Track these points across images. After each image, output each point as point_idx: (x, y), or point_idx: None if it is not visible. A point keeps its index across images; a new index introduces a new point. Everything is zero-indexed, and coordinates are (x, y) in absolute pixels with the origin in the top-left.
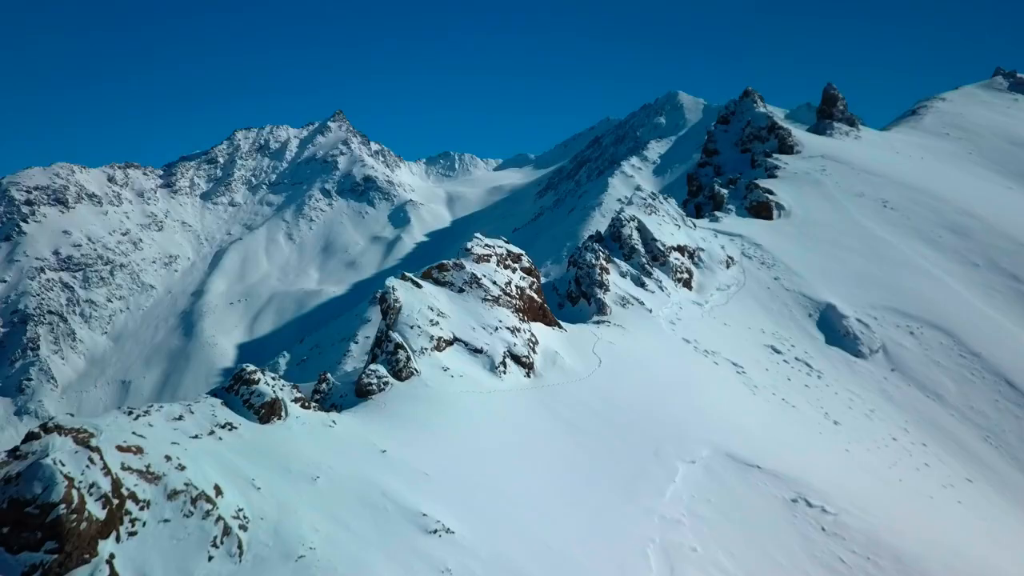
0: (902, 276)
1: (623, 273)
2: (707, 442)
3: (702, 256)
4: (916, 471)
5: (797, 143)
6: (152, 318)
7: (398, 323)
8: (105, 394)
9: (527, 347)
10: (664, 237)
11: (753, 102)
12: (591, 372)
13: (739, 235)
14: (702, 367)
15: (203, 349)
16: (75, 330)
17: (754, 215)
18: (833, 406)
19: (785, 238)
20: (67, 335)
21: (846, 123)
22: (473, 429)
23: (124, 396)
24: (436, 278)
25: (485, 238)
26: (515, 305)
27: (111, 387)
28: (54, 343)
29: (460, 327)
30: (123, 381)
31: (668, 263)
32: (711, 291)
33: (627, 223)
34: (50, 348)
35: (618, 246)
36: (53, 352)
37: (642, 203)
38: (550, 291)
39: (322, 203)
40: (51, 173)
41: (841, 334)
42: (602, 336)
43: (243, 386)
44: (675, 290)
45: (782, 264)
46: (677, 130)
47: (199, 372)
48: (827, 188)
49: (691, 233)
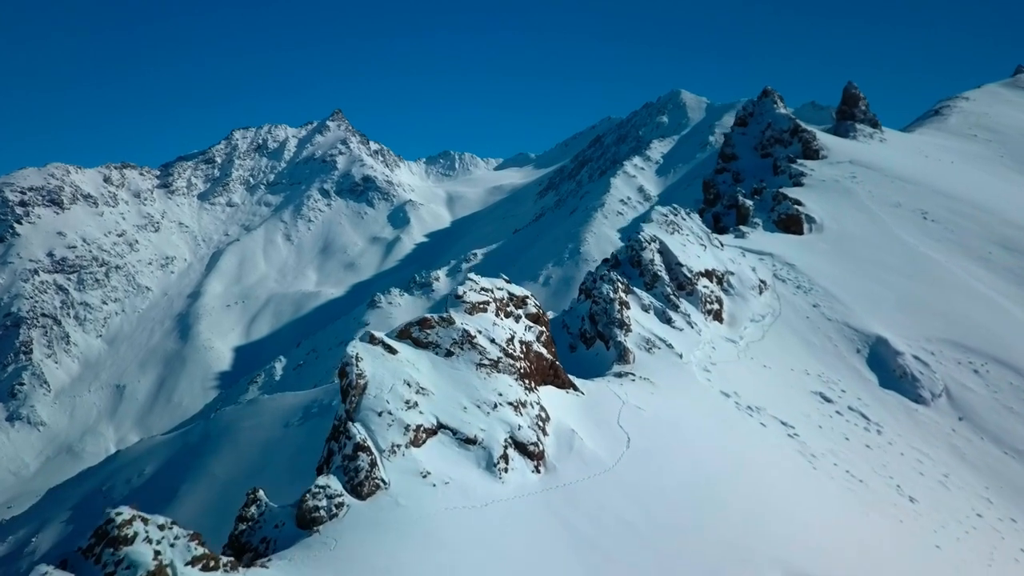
0: (955, 301)
1: (645, 307)
2: (776, 561)
3: (732, 281)
4: (1016, 563)
5: (823, 147)
6: (148, 321)
7: (362, 409)
8: (99, 399)
9: (535, 428)
10: (690, 261)
11: (773, 103)
12: (618, 457)
13: (769, 254)
14: (750, 434)
15: (199, 352)
16: (69, 333)
17: (783, 229)
18: (903, 474)
19: (820, 256)
20: (61, 338)
21: (869, 124)
22: (462, 569)
23: (118, 400)
24: (417, 338)
25: (480, 279)
26: (519, 368)
27: (105, 391)
28: (47, 347)
29: (447, 408)
30: (117, 385)
31: (696, 292)
32: (744, 323)
33: (647, 245)
34: (43, 352)
35: (638, 272)
36: (46, 356)
37: (663, 220)
38: (559, 329)
39: (320, 203)
40: (46, 174)
41: (897, 375)
42: (627, 397)
43: (107, 548)
44: (705, 325)
45: (820, 288)
46: (680, 129)
47: (195, 376)
48: (860, 198)
49: (718, 254)
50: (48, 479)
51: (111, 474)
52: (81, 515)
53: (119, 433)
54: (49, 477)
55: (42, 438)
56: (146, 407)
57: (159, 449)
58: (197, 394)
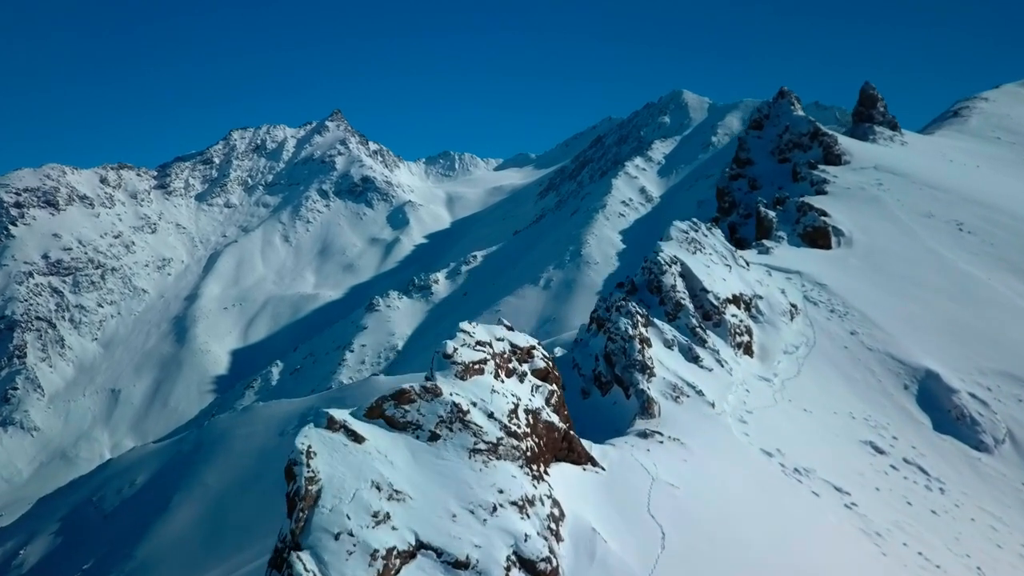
0: (1006, 325)
1: (668, 342)
2: None
3: (761, 307)
4: None
5: (845, 152)
6: (144, 323)
7: (312, 530)
8: (94, 403)
9: (546, 535)
10: (716, 285)
11: (790, 104)
12: (651, 565)
13: (797, 272)
14: (803, 511)
15: (196, 356)
16: (64, 337)
17: (809, 243)
18: (979, 548)
19: (852, 274)
20: (55, 342)
21: (888, 127)
22: None
23: (113, 405)
24: (391, 418)
25: (476, 329)
26: (525, 450)
27: (100, 396)
28: (42, 350)
29: (430, 518)
30: (112, 390)
31: (724, 322)
32: (777, 356)
33: (668, 268)
34: (37, 356)
35: (658, 300)
36: (41, 360)
37: (683, 238)
38: (569, 368)
39: (319, 204)
40: (41, 174)
41: (953, 416)
42: (657, 469)
43: None
44: (736, 361)
45: (856, 312)
46: (682, 130)
47: (191, 380)
48: (889, 207)
49: (745, 275)
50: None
51: (102, 484)
52: (71, 527)
53: (114, 438)
54: (42, 484)
55: (35, 444)
56: (141, 412)
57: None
58: (193, 398)
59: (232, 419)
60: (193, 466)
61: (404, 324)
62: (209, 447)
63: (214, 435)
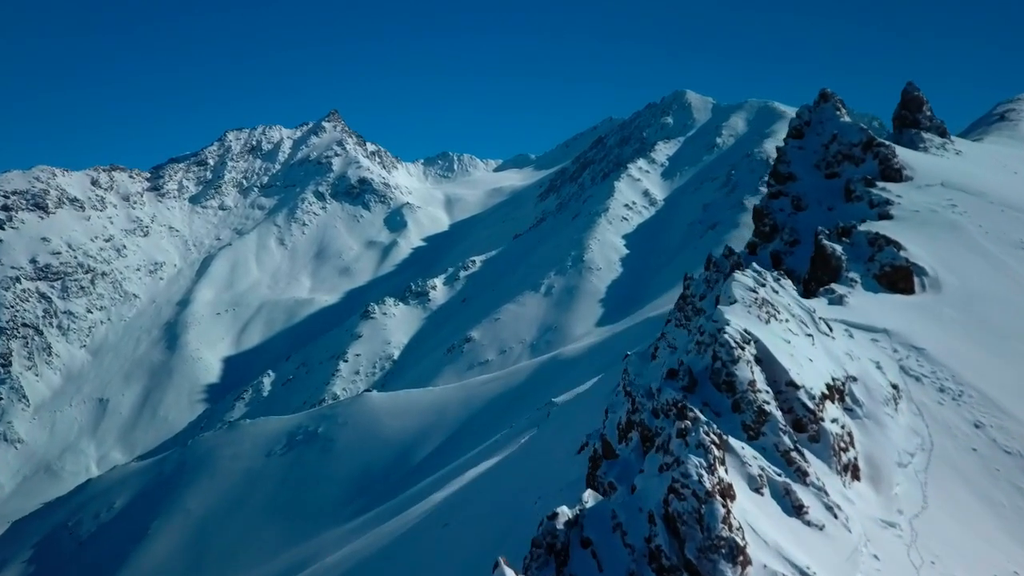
0: None
1: (755, 482)
2: None
3: (856, 393)
4: None
5: (906, 165)
6: (134, 330)
7: None
8: (81, 414)
9: None
10: (804, 372)
11: (835, 109)
12: None
13: (883, 330)
14: None
15: (187, 364)
16: (51, 344)
17: (888, 287)
18: None
19: (952, 332)
20: (42, 349)
21: (937, 133)
22: None
23: (101, 416)
24: None
25: None
26: None
27: (87, 406)
28: (28, 359)
29: None
30: (100, 399)
31: (823, 432)
32: (892, 476)
33: (739, 351)
34: (23, 364)
35: (729, 403)
36: (26, 368)
37: (750, 299)
38: (607, 534)
39: (315, 206)
40: (31, 176)
41: None
42: None
43: None
44: (847, 499)
45: (973, 391)
46: (685, 131)
47: (181, 389)
48: (971, 235)
49: (829, 345)
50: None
51: (79, 507)
52: (44, 554)
53: (100, 451)
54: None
55: (19, 456)
56: (130, 422)
57: (131, 479)
58: (183, 408)
59: (217, 438)
60: (175, 489)
61: (400, 332)
62: (192, 468)
63: (198, 455)
